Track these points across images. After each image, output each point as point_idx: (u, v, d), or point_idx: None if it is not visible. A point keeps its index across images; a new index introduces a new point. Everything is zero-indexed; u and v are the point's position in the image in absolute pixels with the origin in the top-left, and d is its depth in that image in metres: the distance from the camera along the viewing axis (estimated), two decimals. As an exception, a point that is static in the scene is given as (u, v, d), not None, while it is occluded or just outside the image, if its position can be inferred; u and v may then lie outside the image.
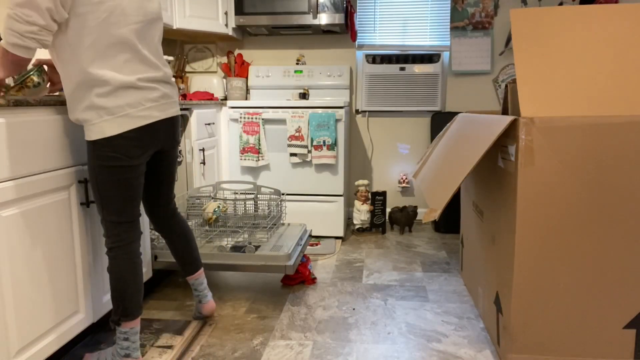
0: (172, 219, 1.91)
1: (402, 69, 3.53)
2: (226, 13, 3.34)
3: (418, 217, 3.76)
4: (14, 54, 1.37)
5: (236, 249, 2.29)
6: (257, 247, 2.28)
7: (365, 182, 3.35)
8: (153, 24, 1.61)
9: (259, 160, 3.15)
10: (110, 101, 1.48)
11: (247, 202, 2.64)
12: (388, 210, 3.72)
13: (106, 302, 1.84)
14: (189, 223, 2.48)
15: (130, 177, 1.57)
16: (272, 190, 2.66)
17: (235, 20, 3.30)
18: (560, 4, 3.41)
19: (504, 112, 1.90)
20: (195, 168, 2.75)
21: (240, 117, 3.12)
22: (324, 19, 3.21)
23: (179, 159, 2.14)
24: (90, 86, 1.46)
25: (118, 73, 1.49)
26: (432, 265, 2.73)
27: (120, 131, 1.50)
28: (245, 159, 3.15)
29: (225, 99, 3.64)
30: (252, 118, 3.11)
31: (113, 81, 1.47)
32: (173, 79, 1.72)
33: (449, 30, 3.51)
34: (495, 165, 1.76)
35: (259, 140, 3.13)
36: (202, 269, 2.00)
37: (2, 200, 1.34)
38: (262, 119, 3.11)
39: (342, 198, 3.17)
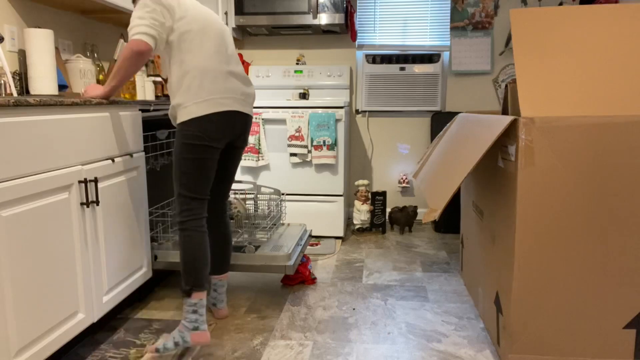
0: (222, 216, 2.03)
1: (402, 69, 3.53)
2: (226, 13, 3.34)
3: (418, 217, 3.76)
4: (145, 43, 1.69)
5: (236, 249, 2.29)
6: (257, 247, 2.28)
7: (365, 182, 3.35)
8: (225, 34, 1.87)
9: (259, 160, 3.15)
10: (199, 88, 1.73)
11: (246, 202, 2.64)
12: (388, 210, 3.72)
13: (106, 302, 1.84)
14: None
15: (208, 157, 1.76)
16: (272, 190, 2.66)
17: (235, 20, 3.30)
18: (560, 4, 3.41)
19: (504, 112, 1.90)
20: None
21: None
22: (324, 19, 3.21)
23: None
24: (183, 75, 1.74)
25: (207, 61, 1.75)
26: (432, 265, 2.73)
27: (205, 113, 1.72)
28: (245, 159, 3.15)
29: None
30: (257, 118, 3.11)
31: (202, 70, 1.73)
32: (253, 86, 1.94)
33: (449, 30, 3.51)
34: (495, 165, 1.76)
35: (259, 140, 3.13)
36: (227, 274, 2.08)
37: (2, 200, 1.34)
38: (262, 119, 3.11)
39: (342, 198, 3.17)
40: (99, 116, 1.78)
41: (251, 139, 3.13)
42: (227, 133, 1.81)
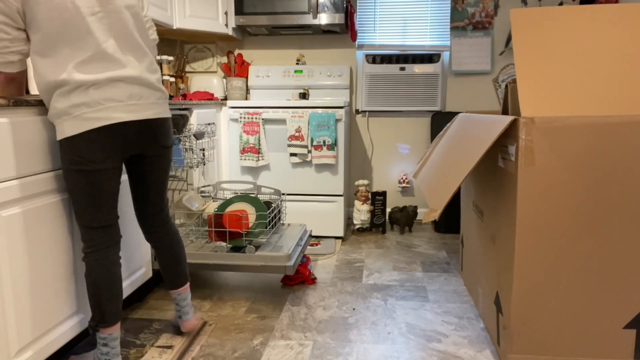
0: (162, 229, 1.80)
1: (402, 69, 3.53)
2: (226, 13, 3.34)
3: (418, 217, 3.76)
4: (4, 73, 1.45)
5: (236, 249, 2.29)
6: (257, 248, 2.28)
7: (365, 182, 3.35)
8: (117, 14, 1.49)
9: (259, 160, 3.15)
10: (67, 101, 1.42)
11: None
12: (388, 210, 3.72)
13: (106, 302, 1.84)
14: (189, 223, 2.48)
15: (96, 181, 1.48)
16: (273, 191, 2.66)
17: (235, 20, 3.30)
18: (561, 4, 3.41)
19: (504, 112, 1.90)
20: (195, 168, 2.75)
21: (240, 117, 3.12)
22: (324, 19, 3.21)
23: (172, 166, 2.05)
24: (53, 87, 1.43)
25: (75, 72, 1.42)
26: (432, 265, 2.73)
27: (76, 132, 1.42)
28: (245, 159, 3.15)
29: (225, 99, 3.64)
30: (252, 118, 3.11)
31: (70, 81, 1.41)
32: (154, 78, 1.59)
33: (449, 30, 3.51)
34: (495, 165, 1.76)
35: (259, 140, 3.13)
36: (187, 284, 1.88)
37: (2, 200, 1.34)
38: (262, 119, 3.11)
39: (342, 198, 3.16)
40: (99, 116, 1.78)
41: (251, 139, 3.12)
42: (113, 150, 1.49)
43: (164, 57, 3.14)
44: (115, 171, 1.53)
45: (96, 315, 1.55)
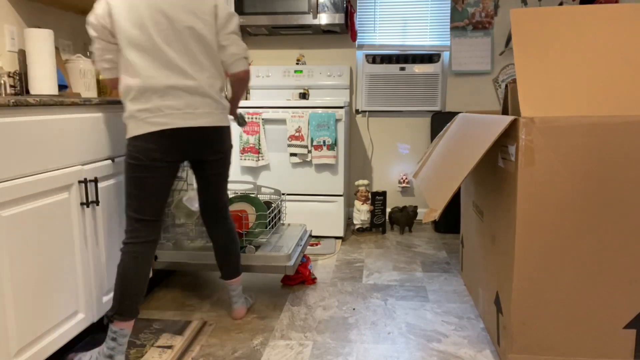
0: (218, 225, 1.98)
1: (402, 69, 3.53)
2: (226, 13, 3.33)
3: (418, 217, 3.76)
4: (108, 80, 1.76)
5: (236, 249, 2.28)
6: (257, 248, 2.28)
7: (365, 182, 3.35)
8: (179, 32, 1.68)
9: (259, 160, 3.15)
10: (134, 105, 1.64)
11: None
12: (388, 210, 3.72)
13: (106, 302, 1.84)
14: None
15: (148, 176, 1.66)
16: (273, 191, 2.66)
17: (235, 20, 3.30)
18: (561, 4, 3.41)
19: (504, 112, 1.90)
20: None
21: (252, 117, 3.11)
22: (324, 19, 3.21)
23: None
24: (125, 92, 1.66)
25: (141, 80, 1.64)
26: (432, 265, 2.73)
27: (138, 133, 1.64)
28: (245, 159, 3.15)
29: (226, 98, 3.63)
30: (252, 118, 3.11)
31: (137, 87, 1.64)
32: (213, 90, 1.77)
33: (449, 30, 3.51)
34: (495, 165, 1.76)
35: (259, 140, 3.13)
36: (238, 277, 2.05)
37: (2, 200, 1.34)
38: (262, 119, 3.11)
39: (342, 198, 3.17)
40: (99, 116, 1.78)
41: (251, 139, 3.13)
42: (164, 151, 1.66)
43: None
44: (164, 170, 1.69)
45: (114, 306, 1.64)
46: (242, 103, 3.15)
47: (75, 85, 2.28)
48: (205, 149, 1.78)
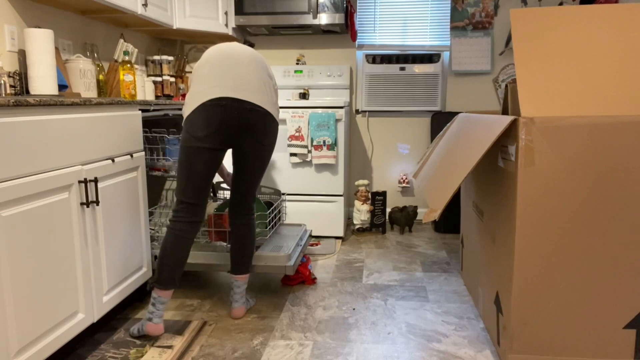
0: (243, 218, 2.02)
1: (402, 69, 3.53)
2: (226, 13, 3.34)
3: (418, 217, 3.76)
4: None
5: (236, 249, 2.28)
6: (257, 247, 2.28)
7: (365, 182, 3.35)
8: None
9: None
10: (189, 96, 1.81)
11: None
12: (388, 210, 3.72)
13: (106, 302, 1.84)
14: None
15: (195, 160, 1.77)
16: (273, 191, 2.66)
17: (235, 20, 3.30)
18: (560, 4, 3.41)
19: (504, 112, 1.90)
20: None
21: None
22: (324, 19, 3.20)
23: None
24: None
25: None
26: (432, 265, 2.73)
27: (189, 111, 1.77)
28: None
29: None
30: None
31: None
32: (272, 101, 1.88)
33: (449, 30, 3.51)
34: (495, 165, 1.76)
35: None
36: (246, 275, 2.06)
37: (2, 200, 1.34)
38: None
39: (342, 198, 3.16)
40: (99, 116, 1.78)
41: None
42: (213, 126, 1.76)
43: (164, 57, 3.14)
44: (210, 154, 1.80)
45: (156, 275, 1.83)
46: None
47: (75, 85, 2.28)
48: (248, 131, 1.84)
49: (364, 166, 3.77)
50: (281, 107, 3.11)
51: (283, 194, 3.13)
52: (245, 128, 1.81)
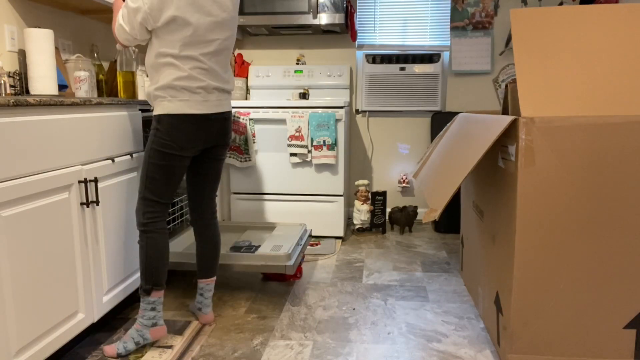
0: (210, 219, 2.01)
1: (402, 69, 3.53)
2: (226, 13, 3.33)
3: (418, 217, 3.76)
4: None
5: (236, 248, 2.29)
6: (257, 247, 2.28)
7: (365, 182, 3.35)
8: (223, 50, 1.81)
9: (245, 160, 3.16)
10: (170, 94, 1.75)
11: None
12: (388, 210, 3.72)
13: (106, 302, 1.84)
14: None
15: (177, 165, 1.78)
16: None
17: (235, 20, 3.30)
18: (561, 4, 3.41)
19: (504, 112, 1.90)
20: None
21: (239, 117, 3.12)
22: (324, 18, 3.20)
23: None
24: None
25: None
26: (432, 265, 2.73)
27: (174, 111, 1.74)
28: (230, 157, 3.15)
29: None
30: (244, 119, 3.11)
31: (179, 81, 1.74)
32: (232, 87, 1.91)
33: (449, 30, 3.51)
34: (495, 165, 1.76)
35: (246, 140, 3.13)
36: (214, 278, 2.05)
37: (2, 200, 1.34)
38: (262, 119, 3.11)
39: (342, 198, 3.16)
40: (99, 116, 1.78)
41: (237, 139, 3.13)
42: (200, 140, 1.80)
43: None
44: (191, 158, 1.83)
45: (151, 279, 1.78)
46: (242, 103, 3.15)
47: (75, 86, 2.28)
48: (222, 137, 1.89)
49: (364, 166, 3.77)
50: (281, 107, 3.11)
51: (281, 193, 3.12)
52: (222, 136, 1.89)
